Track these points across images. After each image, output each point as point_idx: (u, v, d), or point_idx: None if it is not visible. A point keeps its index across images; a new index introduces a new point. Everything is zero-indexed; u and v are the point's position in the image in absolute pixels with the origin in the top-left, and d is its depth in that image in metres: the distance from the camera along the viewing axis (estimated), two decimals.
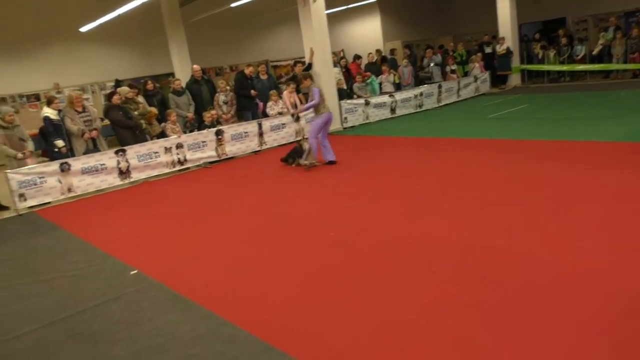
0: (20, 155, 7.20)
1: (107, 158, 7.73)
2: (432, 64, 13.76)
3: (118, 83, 12.30)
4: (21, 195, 7.01)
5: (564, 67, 14.26)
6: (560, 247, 3.73)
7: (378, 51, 13.29)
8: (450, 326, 2.88)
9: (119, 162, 7.79)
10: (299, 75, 7.61)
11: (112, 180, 7.80)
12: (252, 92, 10.07)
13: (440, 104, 12.68)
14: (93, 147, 7.96)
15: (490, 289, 3.23)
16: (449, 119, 10.68)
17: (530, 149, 6.93)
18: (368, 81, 12.06)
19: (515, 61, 14.79)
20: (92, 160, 7.59)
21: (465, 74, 14.24)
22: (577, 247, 3.71)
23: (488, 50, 14.91)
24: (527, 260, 3.59)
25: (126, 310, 3.65)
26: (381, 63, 13.03)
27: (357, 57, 13.59)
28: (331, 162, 7.49)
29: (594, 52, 14.13)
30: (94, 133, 7.94)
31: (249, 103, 10.20)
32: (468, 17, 19.34)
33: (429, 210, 4.97)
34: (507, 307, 2.99)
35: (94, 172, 7.60)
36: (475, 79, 13.76)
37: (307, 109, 7.55)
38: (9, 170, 6.98)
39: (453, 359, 2.60)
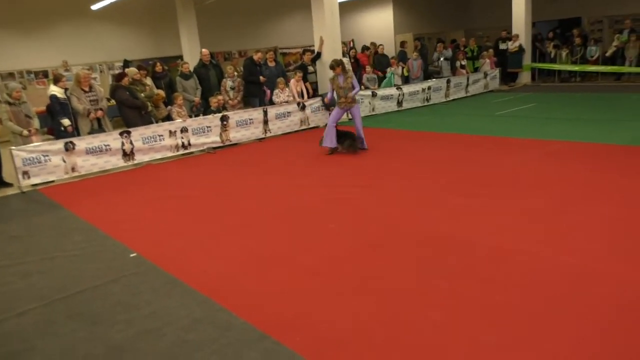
0: (25, 132, 7.21)
1: (112, 139, 7.73)
2: (441, 59, 13.65)
3: (127, 63, 12.27)
4: (25, 173, 7.03)
5: (576, 67, 14.13)
6: (563, 248, 3.73)
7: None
8: (452, 322, 2.89)
9: (123, 144, 7.79)
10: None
11: (116, 162, 7.81)
12: (261, 78, 10.04)
13: (448, 99, 12.60)
14: (98, 127, 7.97)
15: (492, 287, 3.23)
16: (456, 114, 10.61)
17: (537, 148, 6.89)
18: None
19: (527, 59, 14.66)
20: (96, 141, 7.60)
21: (476, 70, 14.13)
22: (582, 248, 3.70)
23: (503, 46, 14.74)
24: (530, 259, 3.59)
25: (125, 292, 3.68)
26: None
27: (366, 48, 13.51)
28: (334, 150, 7.60)
29: (607, 54, 13.99)
30: (100, 113, 7.94)
31: (256, 89, 10.16)
32: (482, 12, 19.13)
33: (431, 206, 4.96)
34: (510, 306, 2.99)
35: (98, 153, 7.62)
36: (485, 75, 13.64)
37: (355, 94, 7.61)
38: (14, 147, 7.00)
39: (453, 354, 2.61)
